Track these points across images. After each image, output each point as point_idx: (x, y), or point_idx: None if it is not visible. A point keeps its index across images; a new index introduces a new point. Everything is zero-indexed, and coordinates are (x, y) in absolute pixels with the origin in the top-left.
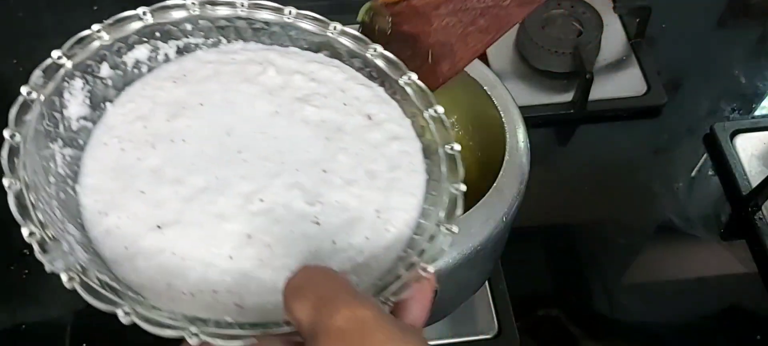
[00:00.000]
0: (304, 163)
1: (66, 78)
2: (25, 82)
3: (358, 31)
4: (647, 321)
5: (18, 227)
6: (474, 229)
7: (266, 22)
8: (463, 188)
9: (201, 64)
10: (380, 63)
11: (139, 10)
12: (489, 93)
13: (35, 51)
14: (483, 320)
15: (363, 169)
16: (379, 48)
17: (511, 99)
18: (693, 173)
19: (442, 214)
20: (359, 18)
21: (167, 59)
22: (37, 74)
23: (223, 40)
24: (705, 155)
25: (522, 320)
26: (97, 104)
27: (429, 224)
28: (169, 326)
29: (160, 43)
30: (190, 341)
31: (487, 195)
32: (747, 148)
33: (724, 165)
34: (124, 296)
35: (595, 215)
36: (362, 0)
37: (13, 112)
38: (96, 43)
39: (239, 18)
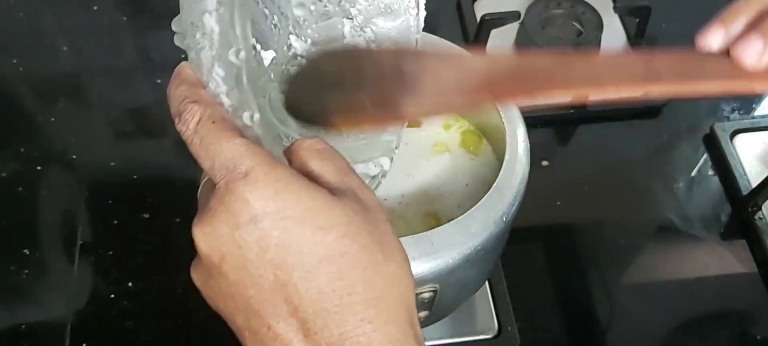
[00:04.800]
0: None
1: None
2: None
3: None
4: (647, 321)
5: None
6: (474, 229)
7: None
8: None
9: None
10: None
11: None
12: None
13: (35, 51)
14: (483, 320)
15: None
16: None
17: None
18: (693, 173)
19: None
20: None
21: None
22: None
23: None
24: (705, 155)
25: (522, 320)
26: None
27: None
28: None
29: None
30: None
31: (487, 195)
32: (747, 148)
33: (724, 165)
34: None
35: (595, 215)
36: None
37: None
38: None
39: None
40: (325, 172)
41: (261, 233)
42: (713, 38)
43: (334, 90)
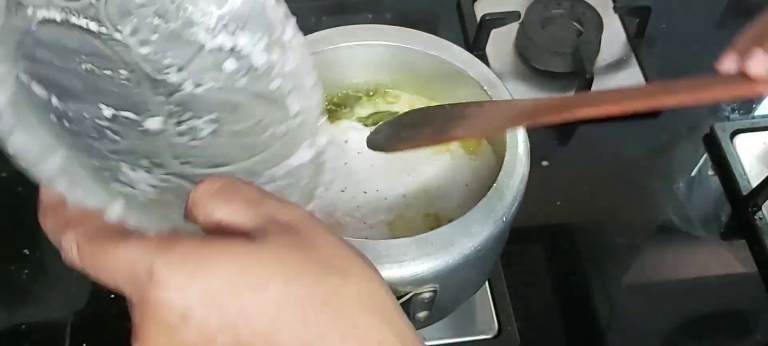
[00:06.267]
0: None
1: None
2: None
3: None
4: (647, 321)
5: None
6: (474, 229)
7: None
8: None
9: None
10: None
11: None
12: (489, 93)
13: None
14: (483, 320)
15: None
16: None
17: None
18: (693, 173)
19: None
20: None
21: None
22: None
23: None
24: (705, 155)
25: (522, 320)
26: None
27: None
28: None
29: None
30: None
31: (487, 195)
32: (747, 148)
33: (724, 165)
34: None
35: (595, 215)
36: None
37: None
38: None
39: None
40: (235, 213)
41: (199, 324)
42: (729, 63)
43: (408, 129)
